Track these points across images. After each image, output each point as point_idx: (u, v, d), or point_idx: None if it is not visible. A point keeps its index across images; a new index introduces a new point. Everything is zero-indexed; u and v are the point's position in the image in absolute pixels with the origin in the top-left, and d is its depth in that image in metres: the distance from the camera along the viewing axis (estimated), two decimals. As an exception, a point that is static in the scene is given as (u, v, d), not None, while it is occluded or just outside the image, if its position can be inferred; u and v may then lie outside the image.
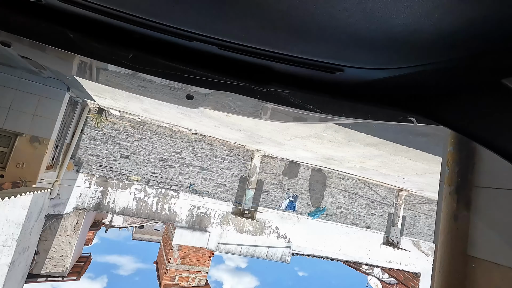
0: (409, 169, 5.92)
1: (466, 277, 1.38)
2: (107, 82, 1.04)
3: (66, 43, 0.65)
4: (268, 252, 8.31)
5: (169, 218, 7.58)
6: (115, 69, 0.78)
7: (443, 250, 1.49)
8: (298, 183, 8.77)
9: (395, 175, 7.12)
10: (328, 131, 4.34)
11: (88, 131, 7.02)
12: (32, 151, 5.03)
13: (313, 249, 8.79)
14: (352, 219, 9.20)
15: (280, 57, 0.63)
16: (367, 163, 6.36)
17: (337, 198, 9.11)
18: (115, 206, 7.16)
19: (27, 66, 4.62)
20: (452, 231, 1.49)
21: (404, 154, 4.83)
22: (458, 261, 1.43)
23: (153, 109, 5.76)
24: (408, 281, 10.19)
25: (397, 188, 9.45)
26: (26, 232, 5.28)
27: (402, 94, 0.69)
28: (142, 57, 0.68)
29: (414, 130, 3.58)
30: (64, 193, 6.75)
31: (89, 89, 5.10)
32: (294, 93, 0.72)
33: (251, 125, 5.18)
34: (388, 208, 9.60)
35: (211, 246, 7.85)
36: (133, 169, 7.32)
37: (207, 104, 1.08)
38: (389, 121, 0.77)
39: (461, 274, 1.40)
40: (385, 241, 9.42)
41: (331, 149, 5.58)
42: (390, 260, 9.43)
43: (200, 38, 0.62)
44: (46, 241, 6.75)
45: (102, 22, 0.63)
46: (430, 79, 0.59)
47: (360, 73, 0.64)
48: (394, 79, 0.61)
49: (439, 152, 4.10)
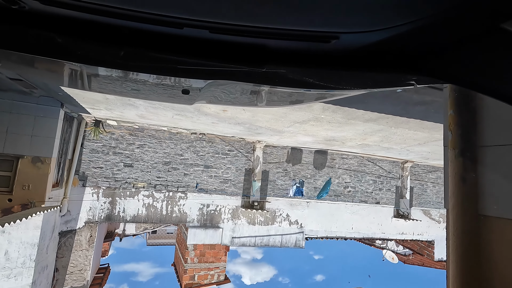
0: (411, 139, 5.92)
1: (480, 236, 1.39)
2: (100, 89, 1.03)
3: (55, 49, 0.62)
4: (282, 240, 8.41)
5: (181, 220, 7.65)
6: (106, 73, 0.77)
7: (455, 213, 1.50)
8: (303, 169, 8.80)
9: (398, 148, 7.12)
10: (326, 112, 4.32)
11: (87, 144, 7.02)
12: (36, 172, 5.04)
13: (325, 231, 8.88)
14: (360, 197, 9.26)
15: (273, 33, 0.62)
16: (368, 140, 6.36)
17: (343, 178, 9.15)
18: (126, 215, 7.22)
19: (17, 88, 4.59)
20: (462, 193, 1.50)
21: (405, 126, 4.82)
22: (470, 222, 1.44)
23: (149, 114, 5.74)
24: (423, 249, 10.32)
25: (402, 160, 9.47)
26: (43, 251, 5.34)
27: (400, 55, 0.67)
28: (134, 53, 0.66)
29: (412, 99, 3.56)
30: (73, 208, 6.80)
31: (82, 102, 5.07)
32: (291, 70, 0.70)
33: (249, 117, 5.16)
34: (394, 181, 9.65)
35: (226, 241, 7.94)
36: (138, 176, 7.35)
37: (202, 98, 1.07)
38: (389, 86, 0.75)
39: (475, 234, 1.41)
40: (396, 214, 9.50)
41: (331, 130, 5.57)
42: (402, 232, 9.53)
43: (190, 24, 0.61)
44: (63, 257, 6.84)
45: (89, 20, 0.61)
46: (427, 34, 0.57)
47: (355, 38, 0.62)
48: (391, 40, 0.60)
49: (439, 119, 4.09)
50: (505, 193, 1.33)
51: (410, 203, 9.48)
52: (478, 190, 1.44)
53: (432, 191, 10.08)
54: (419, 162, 9.59)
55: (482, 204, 1.42)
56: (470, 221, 1.44)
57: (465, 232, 1.44)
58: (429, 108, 3.75)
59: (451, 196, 1.55)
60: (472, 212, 1.45)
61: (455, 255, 1.45)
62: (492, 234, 1.35)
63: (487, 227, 1.38)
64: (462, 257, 1.41)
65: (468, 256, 1.40)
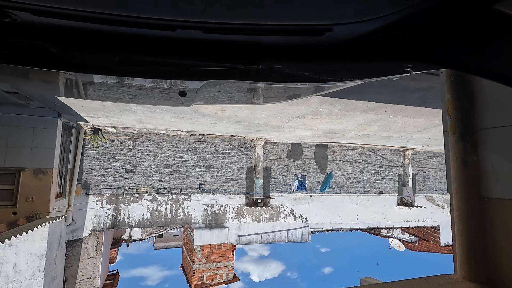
0: (411, 127, 5.92)
1: (485, 218, 1.40)
2: (96, 96, 1.03)
3: (50, 60, 0.62)
4: (288, 235, 8.44)
5: (186, 222, 7.67)
6: (101, 80, 0.77)
7: (458, 197, 1.51)
8: (304, 163, 8.81)
9: (397, 136, 7.12)
10: (324, 105, 4.32)
11: (88, 153, 7.02)
12: (39, 183, 5.05)
13: (331, 224, 8.91)
14: (363, 187, 9.27)
15: (266, 29, 0.61)
16: (368, 130, 6.35)
17: (345, 170, 9.16)
18: (131, 220, 7.24)
19: (13, 101, 4.58)
20: (464, 177, 1.50)
21: (403, 113, 4.82)
22: (474, 204, 1.45)
23: (147, 119, 5.73)
24: (429, 235, 10.36)
25: (402, 148, 9.47)
26: (51, 262, 5.36)
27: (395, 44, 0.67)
28: (128, 58, 0.66)
29: (409, 87, 3.55)
30: (78, 217, 6.81)
31: (80, 111, 5.07)
32: (287, 65, 0.70)
33: (247, 115, 5.15)
34: (396, 170, 9.66)
35: (232, 240, 7.97)
36: (140, 181, 7.36)
37: (200, 99, 1.07)
38: (386, 75, 0.75)
39: (479, 216, 1.42)
40: (400, 202, 9.52)
41: (330, 122, 5.56)
42: (407, 219, 9.56)
43: (182, 25, 0.60)
44: (71, 267, 6.86)
45: (81, 29, 0.61)
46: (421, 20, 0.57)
47: (349, 29, 0.62)
48: (384, 28, 0.59)
49: (437, 105, 4.09)
50: (506, 174, 1.33)
51: (413, 190, 9.50)
52: (480, 172, 1.44)
53: (434, 177, 10.10)
54: (420, 149, 9.59)
55: (485, 186, 1.42)
56: (474, 204, 1.44)
57: (470, 215, 1.45)
58: (426, 95, 3.75)
59: (453, 180, 1.55)
60: (475, 195, 1.45)
61: (461, 238, 1.46)
62: (497, 215, 1.36)
63: (491, 209, 1.38)
64: (468, 240, 1.42)
65: (474, 238, 1.41)
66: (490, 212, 1.38)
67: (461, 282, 1.36)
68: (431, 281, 1.36)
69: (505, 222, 1.32)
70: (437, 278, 1.41)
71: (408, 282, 1.34)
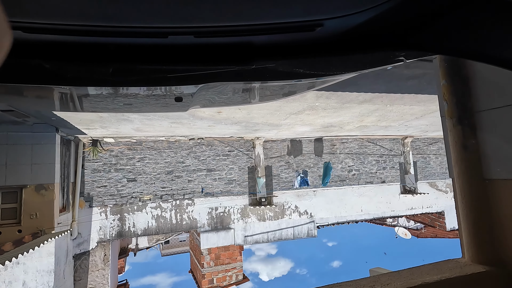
0: (408, 114, 5.93)
1: (488, 200, 1.41)
2: (92, 108, 1.03)
3: (44, 75, 0.62)
4: (294, 232, 8.45)
5: (191, 226, 7.67)
6: (96, 92, 0.77)
7: (461, 182, 1.51)
8: (305, 159, 8.81)
9: (396, 125, 7.13)
10: (320, 99, 4.32)
11: (88, 165, 7.01)
12: (41, 199, 5.04)
13: (336, 217, 8.92)
14: (365, 178, 9.29)
15: (257, 29, 0.62)
16: (366, 121, 6.36)
17: (346, 163, 9.17)
18: (136, 229, 7.24)
19: (9, 119, 4.57)
20: (465, 160, 1.50)
21: (400, 102, 4.82)
22: (477, 187, 1.45)
23: (145, 127, 5.73)
24: (434, 221, 10.39)
25: (401, 136, 9.49)
26: (60, 277, 5.36)
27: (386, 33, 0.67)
28: (122, 68, 0.66)
29: (404, 75, 3.56)
30: (84, 230, 6.81)
31: (77, 124, 5.06)
32: (280, 63, 0.70)
33: (244, 115, 5.16)
34: (397, 159, 9.68)
35: (239, 241, 7.97)
36: (143, 190, 7.35)
37: (196, 103, 1.07)
38: (379, 66, 0.75)
39: (482, 199, 1.42)
40: (403, 190, 9.54)
41: (328, 116, 5.57)
42: (411, 207, 9.58)
43: (174, 31, 0.60)
44: (81, 280, 6.86)
45: (74, 42, 0.61)
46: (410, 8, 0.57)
47: (340, 23, 0.62)
48: (375, 19, 0.60)
49: (433, 91, 4.09)
50: (506, 154, 1.34)
51: (415, 177, 9.52)
52: (480, 155, 1.45)
53: (435, 163, 10.12)
54: (419, 136, 9.61)
55: (486, 169, 1.43)
56: (476, 187, 1.45)
57: (473, 198, 1.45)
58: (421, 81, 3.76)
59: (454, 164, 1.56)
60: (477, 178, 1.45)
61: (466, 222, 1.46)
62: (500, 197, 1.36)
63: (493, 191, 1.39)
64: (473, 222, 1.43)
65: (479, 220, 1.42)
66: (493, 194, 1.38)
67: (470, 265, 1.37)
68: (440, 266, 1.36)
69: (508, 202, 1.33)
70: (445, 263, 1.41)
71: (417, 269, 1.35)
